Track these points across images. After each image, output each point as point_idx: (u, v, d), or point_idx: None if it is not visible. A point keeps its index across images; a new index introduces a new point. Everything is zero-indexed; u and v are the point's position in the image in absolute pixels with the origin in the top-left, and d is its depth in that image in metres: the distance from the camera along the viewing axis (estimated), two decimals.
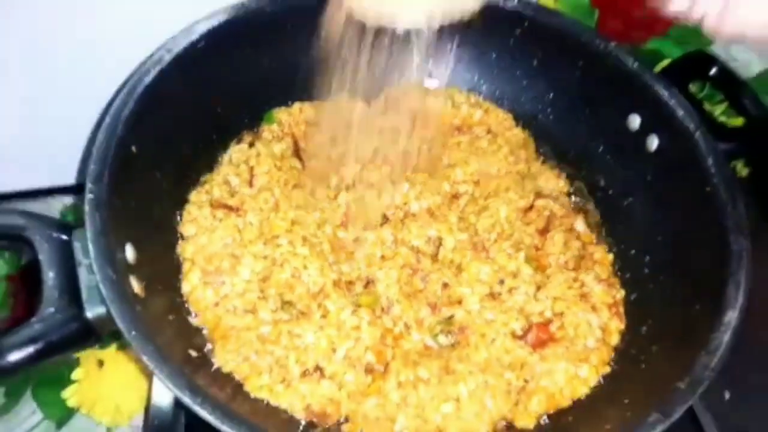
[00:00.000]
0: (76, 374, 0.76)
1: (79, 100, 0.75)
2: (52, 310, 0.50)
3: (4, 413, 0.75)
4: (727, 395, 0.70)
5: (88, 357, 0.77)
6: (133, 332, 0.46)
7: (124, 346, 0.79)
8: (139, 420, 0.76)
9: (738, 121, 0.74)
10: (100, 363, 0.78)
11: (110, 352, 0.78)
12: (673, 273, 0.63)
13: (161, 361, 0.46)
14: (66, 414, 0.77)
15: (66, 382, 0.77)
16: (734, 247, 0.56)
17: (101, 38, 0.74)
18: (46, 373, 0.78)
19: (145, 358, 0.45)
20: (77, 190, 0.53)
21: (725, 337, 0.51)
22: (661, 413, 0.47)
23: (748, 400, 0.71)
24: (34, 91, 0.77)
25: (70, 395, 0.76)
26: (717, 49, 0.79)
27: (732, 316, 0.52)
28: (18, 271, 0.80)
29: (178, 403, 0.67)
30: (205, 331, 0.59)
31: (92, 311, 0.50)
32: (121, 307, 0.48)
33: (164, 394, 0.68)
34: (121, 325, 0.47)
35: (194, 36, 0.65)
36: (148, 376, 0.72)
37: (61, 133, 0.78)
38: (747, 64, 0.83)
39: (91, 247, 0.50)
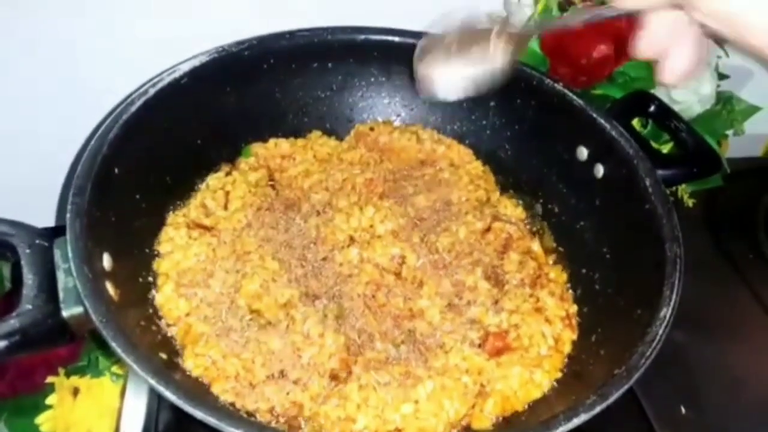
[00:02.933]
0: (50, 399, 0.77)
1: (58, 143, 0.80)
2: (29, 307, 0.53)
3: None
4: (683, 410, 0.73)
5: (63, 384, 0.79)
6: (106, 321, 0.49)
7: (99, 374, 0.81)
8: None
9: None
10: (75, 391, 0.80)
11: (85, 381, 0.80)
12: (619, 286, 0.67)
13: (131, 347, 0.49)
14: None
15: (40, 409, 0.78)
16: (669, 253, 0.60)
17: (81, 84, 0.80)
18: (20, 402, 0.80)
19: (114, 344, 0.48)
20: (55, 232, 0.57)
21: (660, 330, 0.54)
22: (599, 396, 0.50)
23: (704, 415, 0.73)
24: (13, 133, 0.82)
25: (43, 421, 0.77)
26: (660, 94, 0.87)
27: (666, 312, 0.56)
28: (0, 298, 0.82)
29: (147, 430, 0.69)
30: (175, 339, 0.61)
31: (68, 311, 0.53)
32: (95, 301, 0.51)
33: (134, 421, 0.69)
34: (94, 316, 0.50)
35: (178, 74, 0.71)
36: (120, 407, 0.74)
37: (39, 177, 0.83)
38: (688, 107, 0.90)
39: (69, 249, 0.54)
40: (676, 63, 0.49)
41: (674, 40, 0.48)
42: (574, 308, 0.69)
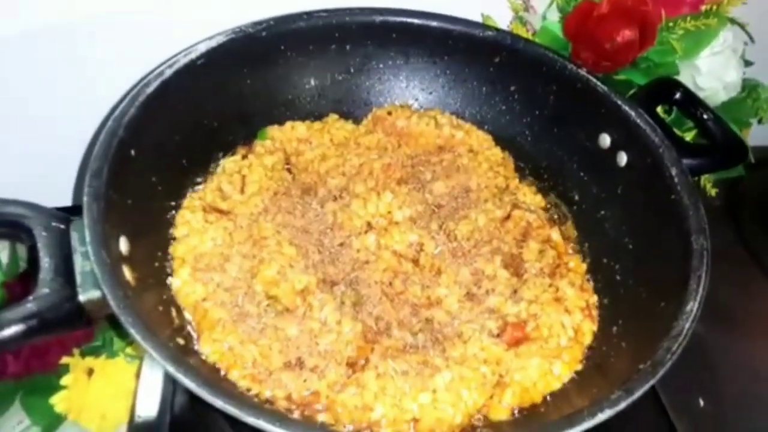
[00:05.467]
0: (65, 380, 0.78)
1: (74, 124, 0.80)
2: (46, 291, 0.52)
3: None
4: (701, 403, 0.72)
5: (77, 364, 0.79)
6: (123, 307, 0.49)
7: (114, 354, 0.81)
8: (124, 429, 0.77)
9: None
10: (90, 371, 0.80)
11: (100, 361, 0.80)
12: (641, 277, 0.66)
13: (149, 334, 0.48)
14: (54, 421, 0.78)
15: (54, 390, 0.78)
16: (695, 246, 0.59)
17: (101, 62, 0.79)
18: (36, 381, 0.80)
19: (132, 331, 0.48)
20: (72, 211, 0.56)
21: (686, 324, 0.53)
22: (623, 391, 0.49)
23: (722, 407, 0.72)
24: (30, 111, 0.81)
25: (58, 401, 0.77)
26: (684, 80, 0.84)
27: (693, 306, 0.55)
28: (15, 278, 0.82)
29: (162, 412, 0.69)
30: (192, 324, 0.61)
31: (85, 295, 0.53)
32: (113, 286, 0.50)
33: (149, 403, 0.69)
34: (111, 301, 0.49)
35: (194, 54, 0.69)
36: (135, 386, 0.74)
37: (57, 154, 0.82)
38: (714, 94, 0.88)
39: (87, 232, 0.53)
40: None
41: None
42: (594, 299, 0.68)
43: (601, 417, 0.47)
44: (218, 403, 0.45)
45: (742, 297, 0.84)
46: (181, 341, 0.58)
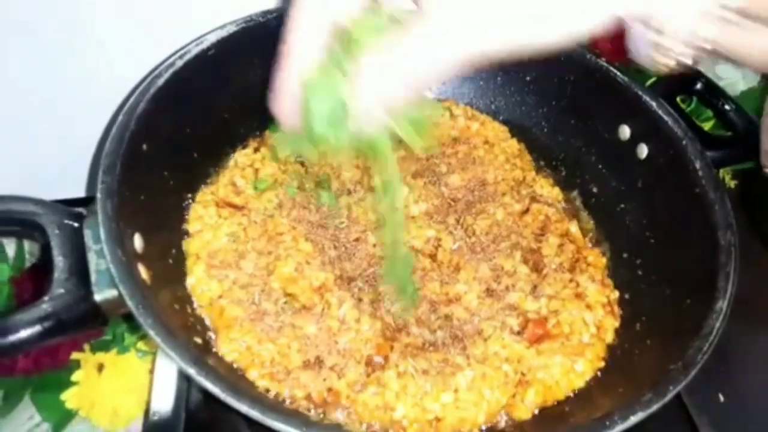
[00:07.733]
0: (76, 376, 0.77)
1: (89, 112, 0.78)
2: (61, 291, 0.51)
3: (0, 417, 0.75)
4: (721, 398, 0.71)
5: (88, 360, 0.78)
6: (142, 307, 0.48)
7: (125, 350, 0.80)
8: (136, 425, 0.76)
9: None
10: (100, 367, 0.79)
11: (110, 356, 0.79)
12: (664, 273, 0.65)
13: (168, 335, 0.47)
14: (64, 417, 0.77)
15: (65, 386, 0.77)
16: (722, 242, 0.58)
17: (111, 50, 0.77)
18: (46, 377, 0.79)
19: (152, 333, 0.46)
20: (86, 202, 0.55)
21: (717, 323, 0.52)
22: (654, 393, 0.48)
23: (743, 402, 0.72)
24: (43, 102, 0.80)
25: (69, 397, 0.76)
26: (703, 69, 0.83)
27: (722, 305, 0.54)
28: (22, 273, 0.81)
29: (177, 408, 0.68)
30: (208, 323, 0.60)
31: (100, 294, 0.52)
32: (130, 285, 0.49)
33: (164, 400, 0.68)
34: (129, 301, 0.48)
35: (205, 44, 0.68)
36: (149, 381, 0.73)
37: (70, 145, 0.81)
38: (733, 83, 0.87)
39: (102, 230, 0.51)
40: None
41: None
42: (615, 294, 0.67)
43: (633, 420, 0.46)
44: (243, 407, 0.44)
45: (758, 288, 0.82)
46: (198, 340, 0.57)
